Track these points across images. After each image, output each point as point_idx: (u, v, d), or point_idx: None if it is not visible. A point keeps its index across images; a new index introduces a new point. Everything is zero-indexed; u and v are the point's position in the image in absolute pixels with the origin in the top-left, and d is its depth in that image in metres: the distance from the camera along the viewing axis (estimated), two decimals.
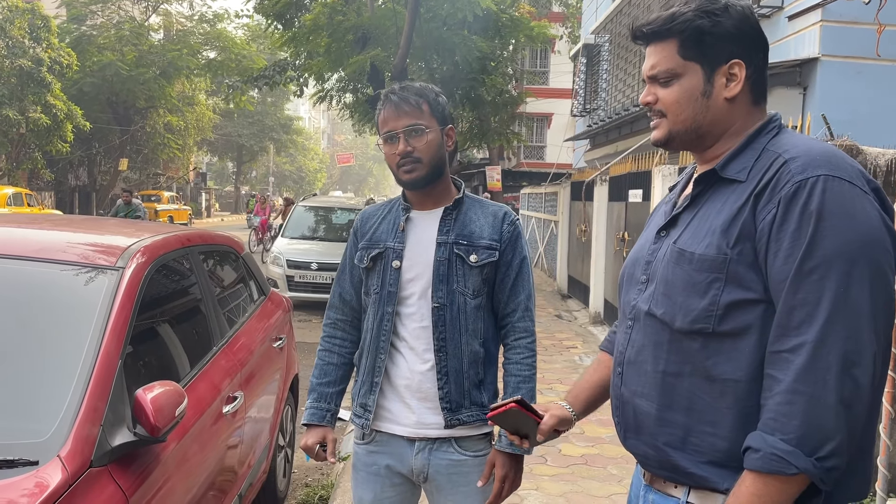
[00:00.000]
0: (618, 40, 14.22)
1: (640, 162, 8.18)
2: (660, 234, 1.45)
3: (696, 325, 1.29)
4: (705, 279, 1.29)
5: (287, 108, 52.27)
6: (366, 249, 2.07)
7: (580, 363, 7.39)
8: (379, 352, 2.02)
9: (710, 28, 1.34)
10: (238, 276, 3.67)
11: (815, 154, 1.25)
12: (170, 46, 29.63)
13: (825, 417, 1.16)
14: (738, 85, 1.35)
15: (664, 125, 1.41)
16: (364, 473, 2.09)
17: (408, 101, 1.97)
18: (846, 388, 1.16)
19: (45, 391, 1.94)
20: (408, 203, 2.07)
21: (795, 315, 1.19)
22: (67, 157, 25.90)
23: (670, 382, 1.34)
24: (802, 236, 1.20)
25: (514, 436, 1.65)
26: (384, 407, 2.04)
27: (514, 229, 2.04)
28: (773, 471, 1.18)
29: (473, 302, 1.99)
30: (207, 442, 2.52)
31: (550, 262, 14.73)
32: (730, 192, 1.32)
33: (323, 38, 12.16)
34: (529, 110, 24.01)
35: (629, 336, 1.44)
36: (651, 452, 1.39)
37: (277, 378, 3.69)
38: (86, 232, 2.80)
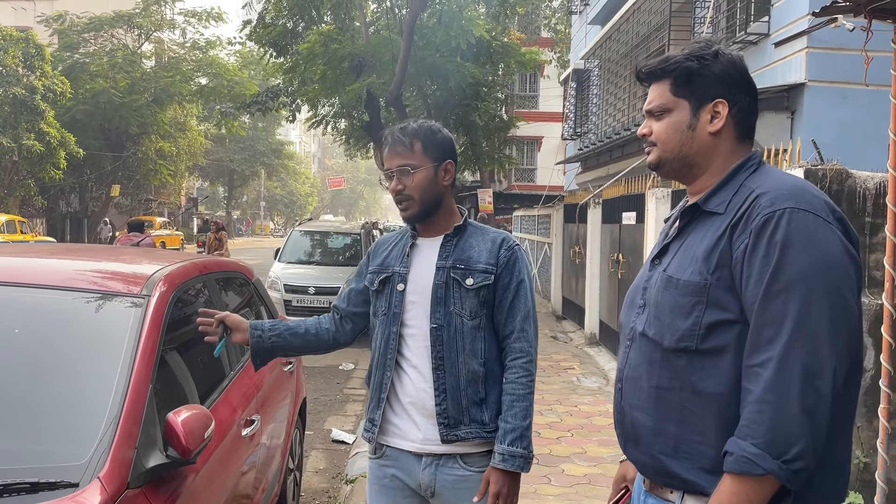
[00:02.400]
0: (607, 65, 14.47)
1: (634, 185, 8.33)
2: (654, 263, 1.60)
3: (682, 344, 1.44)
4: (689, 302, 1.44)
5: (278, 133, 52.51)
6: (376, 273, 2.21)
7: (578, 384, 7.47)
8: (386, 369, 2.15)
9: (698, 70, 1.51)
10: (250, 301, 3.76)
11: (784, 189, 1.41)
12: (162, 73, 29.82)
13: (790, 424, 1.30)
14: (721, 121, 1.51)
15: (655, 152, 1.58)
16: (378, 486, 2.19)
17: (402, 141, 2.11)
18: (809, 398, 1.29)
19: (82, 416, 2.02)
20: (415, 231, 2.21)
21: (764, 333, 1.34)
22: (60, 183, 25.92)
23: (663, 396, 1.48)
24: (769, 263, 1.34)
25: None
26: (393, 423, 2.14)
27: (511, 254, 2.14)
28: (744, 472, 1.31)
29: (471, 323, 2.09)
30: (229, 464, 2.59)
31: (545, 284, 14.84)
32: (710, 224, 1.48)
33: (319, 66, 12.33)
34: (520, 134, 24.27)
35: (627, 355, 1.59)
36: (648, 461, 1.52)
37: (288, 401, 3.76)
38: (108, 261, 2.88)
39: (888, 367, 3.22)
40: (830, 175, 4.07)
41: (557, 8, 24.41)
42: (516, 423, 2.04)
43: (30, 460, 1.88)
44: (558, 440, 5.45)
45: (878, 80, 3.93)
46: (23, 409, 2.04)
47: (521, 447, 2.03)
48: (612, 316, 9.03)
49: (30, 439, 1.97)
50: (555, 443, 5.38)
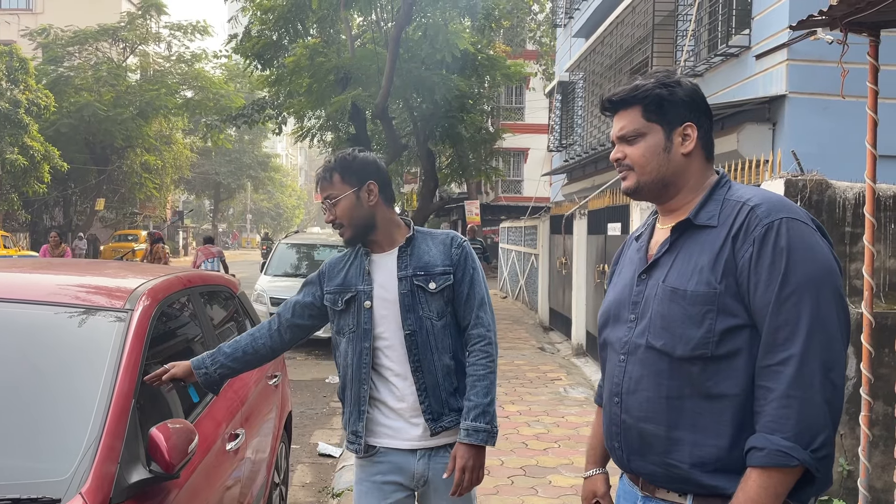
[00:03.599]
0: (592, 78, 14.60)
1: (619, 196, 8.39)
2: (641, 278, 1.65)
3: (697, 352, 1.49)
4: (699, 311, 1.49)
5: (265, 146, 52.47)
6: (339, 293, 2.33)
7: (565, 395, 7.48)
8: (362, 383, 2.28)
9: (667, 96, 1.61)
10: (234, 314, 3.75)
11: (773, 201, 1.51)
12: (147, 86, 29.74)
13: (815, 415, 1.38)
14: (692, 143, 1.62)
15: (632, 176, 1.66)
16: (368, 484, 2.32)
17: (323, 176, 2.30)
18: (827, 389, 1.39)
19: (64, 431, 2.01)
20: (367, 249, 2.34)
21: (780, 333, 1.42)
22: (43, 197, 25.74)
23: (675, 405, 1.52)
24: (777, 269, 1.43)
25: None
26: (386, 426, 2.29)
27: (462, 251, 2.33)
28: (777, 464, 1.38)
29: (439, 323, 2.27)
30: (213, 478, 2.58)
31: (531, 295, 14.87)
32: (705, 236, 1.55)
33: (304, 79, 12.36)
34: (506, 145, 24.41)
35: (624, 368, 1.62)
36: (660, 470, 1.55)
37: (273, 415, 3.75)
38: (92, 275, 2.87)
39: (868, 376, 3.26)
40: (811, 185, 4.12)
41: (542, 21, 24.64)
42: (478, 400, 2.22)
43: (12, 476, 1.86)
44: (545, 451, 5.45)
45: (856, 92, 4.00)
46: (4, 425, 2.03)
47: (483, 422, 2.20)
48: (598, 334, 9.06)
49: (12, 455, 1.95)
50: (542, 454, 5.39)
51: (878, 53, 3.12)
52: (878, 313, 3.54)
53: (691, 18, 8.88)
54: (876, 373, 3.37)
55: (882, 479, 3.90)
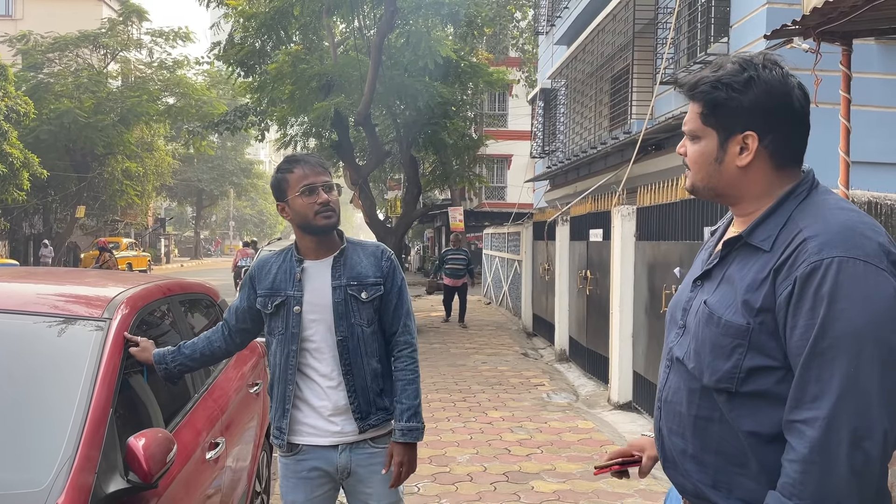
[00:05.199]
0: (574, 85, 14.70)
1: (600, 202, 8.45)
2: (696, 284, 1.54)
3: (721, 385, 1.40)
4: (730, 343, 1.38)
5: (247, 153, 52.23)
6: (268, 297, 2.45)
7: (548, 400, 7.50)
8: (288, 383, 2.43)
9: (724, 101, 1.42)
10: (215, 322, 3.73)
11: (832, 232, 1.31)
12: (128, 93, 29.52)
13: (837, 486, 1.25)
14: (750, 155, 1.42)
15: (690, 177, 1.53)
16: (294, 480, 2.48)
17: (321, 164, 2.47)
18: (857, 460, 1.24)
19: (40, 441, 1.99)
20: (300, 255, 2.46)
21: (809, 390, 1.28)
22: (23, 205, 25.45)
23: (702, 426, 1.45)
24: (815, 316, 1.27)
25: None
26: (308, 424, 2.45)
27: (390, 263, 2.51)
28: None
29: (369, 329, 2.44)
30: (193, 488, 2.56)
31: (515, 301, 14.90)
32: (755, 260, 1.40)
33: (287, 86, 12.32)
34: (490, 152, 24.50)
35: (667, 375, 1.56)
36: (687, 485, 1.51)
37: (254, 424, 3.73)
38: (69, 284, 2.85)
39: None
40: None
41: (525, 28, 24.77)
42: (409, 402, 2.44)
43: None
44: (528, 457, 5.47)
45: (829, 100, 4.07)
46: None
47: (415, 422, 2.43)
48: (581, 332, 9.11)
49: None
50: (524, 460, 5.40)
51: (850, 62, 3.18)
52: None
53: (671, 27, 8.97)
54: None
55: None
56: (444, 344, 11.24)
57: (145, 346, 2.47)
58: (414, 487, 4.70)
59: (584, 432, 6.21)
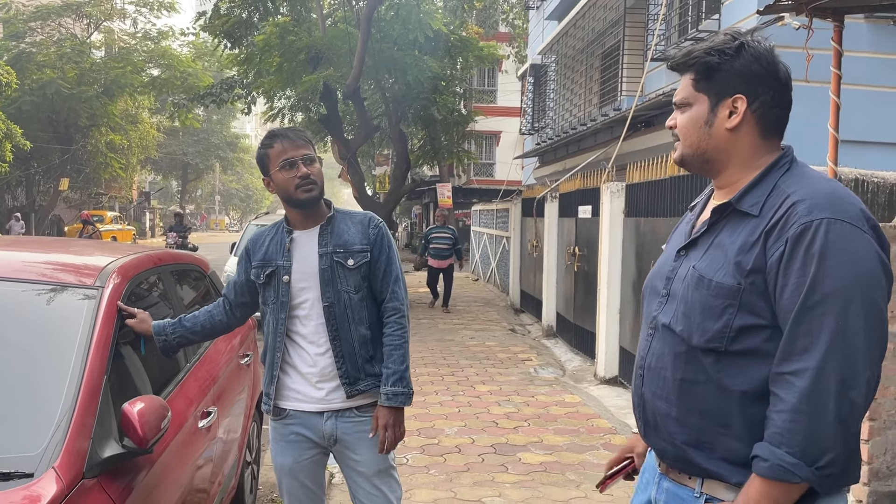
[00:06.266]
0: (564, 61, 14.64)
1: (589, 179, 8.46)
2: (679, 254, 1.60)
3: (711, 344, 1.45)
4: (721, 304, 1.44)
5: (233, 126, 51.71)
6: (261, 268, 2.52)
7: (535, 375, 7.57)
8: (276, 350, 2.49)
9: (717, 65, 1.50)
10: (206, 293, 3.73)
11: (821, 197, 1.39)
12: (112, 64, 29.05)
13: (825, 434, 1.32)
14: (738, 118, 1.50)
15: (679, 147, 1.59)
16: (283, 443, 2.54)
17: (302, 136, 2.50)
18: (843, 408, 1.32)
19: (35, 407, 2.00)
20: (289, 226, 2.52)
21: (799, 342, 1.35)
22: (6, 177, 25.12)
23: (687, 389, 1.50)
24: (806, 274, 1.35)
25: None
26: (295, 390, 2.50)
27: (378, 231, 2.53)
28: (779, 479, 1.35)
29: (357, 296, 2.47)
30: (186, 455, 2.58)
31: (503, 278, 14.96)
32: (744, 225, 1.46)
33: (275, 58, 12.19)
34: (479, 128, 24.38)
35: (650, 343, 1.61)
36: (669, 448, 1.55)
37: (245, 395, 3.75)
38: (60, 253, 2.84)
39: None
40: None
41: (515, 3, 24.57)
42: (396, 367, 2.45)
43: None
44: (515, 430, 5.53)
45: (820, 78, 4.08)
46: None
47: (401, 387, 2.44)
48: (569, 308, 9.17)
49: None
50: (512, 432, 5.46)
51: (841, 39, 3.20)
52: None
53: (662, 2, 8.94)
54: None
55: None
56: (432, 319, 11.28)
57: (143, 317, 2.49)
58: (403, 459, 4.74)
59: (571, 406, 6.28)
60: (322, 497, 2.64)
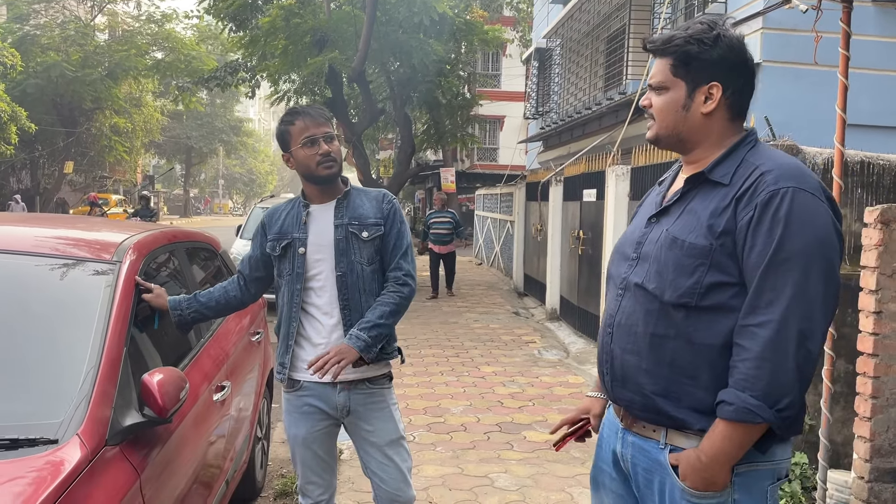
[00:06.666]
0: (569, 45, 14.58)
1: (594, 163, 8.48)
2: (651, 221, 1.71)
3: (682, 300, 1.58)
4: (693, 263, 1.57)
5: (237, 110, 51.60)
6: (276, 241, 2.57)
7: (539, 357, 7.63)
8: (291, 320, 2.54)
9: (696, 54, 1.61)
10: (218, 271, 3.78)
11: (785, 168, 1.54)
12: (116, 47, 28.99)
13: (785, 379, 1.47)
14: (714, 104, 1.62)
15: (654, 127, 1.70)
16: (296, 414, 2.59)
17: (323, 114, 2.56)
18: (801, 356, 1.47)
19: (59, 376, 2.05)
20: (306, 201, 2.58)
21: (764, 297, 1.48)
22: (10, 159, 25.15)
23: (657, 343, 1.62)
24: (773, 236, 1.49)
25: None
26: (307, 361, 2.49)
27: (392, 206, 2.61)
28: (743, 420, 1.48)
29: (369, 268, 2.53)
30: (202, 426, 2.64)
31: (507, 262, 15.00)
32: (715, 193, 1.60)
33: (280, 41, 12.16)
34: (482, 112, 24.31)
35: (619, 303, 1.72)
36: (637, 398, 1.66)
37: (256, 370, 3.81)
38: (78, 229, 2.89)
39: (832, 331, 3.40)
40: (782, 150, 4.23)
41: None
42: (371, 317, 2.47)
43: (10, 418, 1.91)
44: (520, 409, 5.60)
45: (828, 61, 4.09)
46: (1, 370, 2.06)
47: (366, 335, 2.43)
48: (573, 292, 9.22)
49: (9, 399, 2.00)
50: (517, 412, 5.53)
51: (850, 20, 3.21)
52: (844, 274, 3.66)
53: None
54: (839, 332, 3.52)
55: (842, 433, 4.08)
56: (436, 302, 11.34)
57: (159, 292, 2.54)
58: (410, 436, 4.81)
59: (575, 387, 6.34)
60: (334, 466, 2.70)
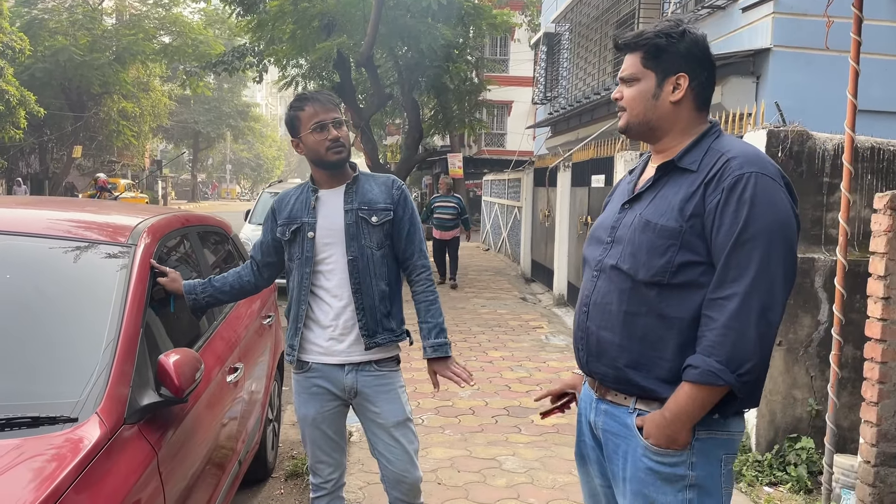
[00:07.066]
0: (578, 29, 14.50)
1: (603, 148, 8.46)
2: (624, 207, 1.84)
3: (655, 278, 1.71)
4: (665, 244, 1.70)
5: (244, 95, 51.55)
6: (286, 225, 2.61)
7: (546, 342, 7.67)
8: (301, 303, 2.58)
9: (665, 46, 1.75)
10: (229, 255, 3.82)
11: (749, 156, 1.68)
12: (124, 31, 28.98)
13: (747, 347, 1.60)
14: (681, 92, 1.76)
15: (624, 117, 1.83)
16: (306, 395, 2.64)
17: (331, 100, 2.58)
18: (762, 326, 1.60)
19: (77, 356, 2.09)
20: (315, 185, 2.61)
21: (730, 273, 1.62)
22: (19, 144, 25.25)
23: (630, 320, 1.75)
24: (739, 217, 1.62)
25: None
26: (317, 344, 2.59)
27: (401, 192, 2.63)
28: (707, 382, 1.62)
29: (378, 253, 2.57)
30: (216, 407, 2.69)
31: (514, 247, 15.00)
32: (684, 179, 1.72)
33: (288, 25, 12.13)
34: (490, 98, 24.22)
35: (595, 284, 1.84)
36: (610, 371, 1.80)
37: (267, 353, 3.85)
38: (92, 213, 2.92)
39: (840, 317, 3.42)
40: (792, 136, 4.22)
41: None
42: (435, 321, 2.61)
43: (29, 398, 1.95)
44: (528, 393, 5.64)
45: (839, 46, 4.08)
46: (20, 351, 2.10)
47: (443, 338, 2.62)
48: (580, 278, 9.22)
49: (29, 378, 2.04)
50: (524, 396, 5.57)
51: (862, 4, 3.20)
52: (852, 261, 3.68)
53: None
54: (847, 317, 3.53)
55: (849, 418, 4.10)
56: (443, 287, 11.37)
57: (174, 276, 2.58)
58: (418, 419, 4.86)
59: None
60: (343, 446, 2.74)
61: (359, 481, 3.84)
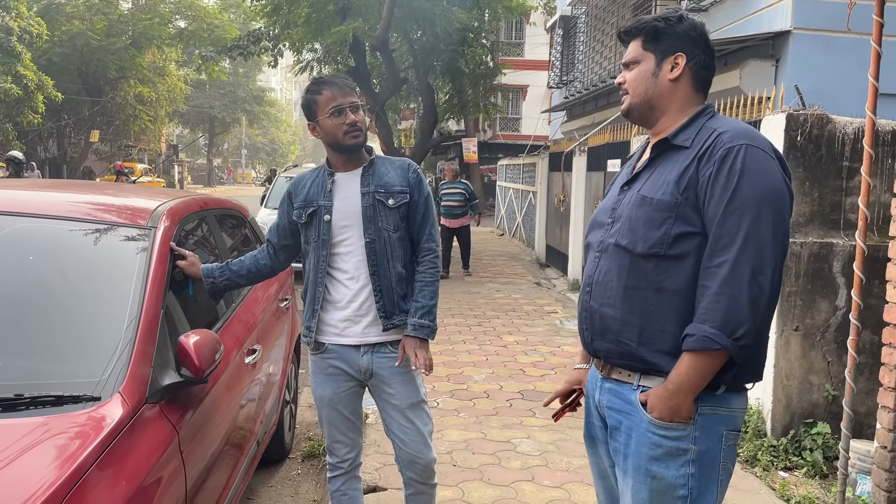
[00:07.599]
0: (595, 12, 14.37)
1: (619, 132, 8.41)
2: (623, 188, 1.91)
3: (652, 250, 1.75)
4: (661, 217, 1.75)
5: (259, 80, 51.60)
6: (303, 208, 2.63)
7: (561, 327, 7.67)
8: (317, 285, 2.60)
9: (663, 28, 1.84)
10: (246, 238, 3.85)
11: (740, 129, 1.74)
12: (140, 15, 29.05)
13: (740, 311, 1.64)
14: (679, 70, 1.83)
15: (627, 99, 1.90)
16: (322, 376, 2.67)
17: (349, 84, 2.60)
18: (754, 290, 1.64)
19: (100, 336, 2.13)
20: (331, 169, 2.63)
21: (721, 241, 1.67)
22: (38, 128, 25.45)
23: (630, 294, 1.79)
24: (729, 187, 1.67)
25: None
26: (333, 325, 2.62)
27: (417, 176, 2.66)
28: (703, 348, 1.65)
29: (395, 235, 2.59)
30: (235, 388, 2.72)
31: (528, 232, 14.98)
32: (678, 155, 1.78)
33: (303, 9, 12.12)
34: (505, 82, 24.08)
35: (598, 264, 1.89)
36: (614, 347, 1.83)
37: (285, 336, 3.89)
38: (113, 196, 2.96)
39: (858, 302, 3.39)
40: (811, 120, 4.18)
41: None
42: (425, 301, 2.60)
43: (53, 377, 1.99)
44: (542, 377, 5.65)
45: (861, 28, 4.02)
46: (43, 331, 2.14)
47: (427, 320, 2.59)
48: None
49: (53, 358, 2.08)
50: (539, 380, 5.59)
51: None
52: (871, 245, 3.65)
53: None
54: (865, 302, 3.50)
55: (866, 403, 4.08)
56: (458, 272, 11.38)
57: (193, 260, 2.61)
58: (434, 402, 4.89)
59: None
60: (359, 426, 2.77)
61: (375, 462, 3.88)
